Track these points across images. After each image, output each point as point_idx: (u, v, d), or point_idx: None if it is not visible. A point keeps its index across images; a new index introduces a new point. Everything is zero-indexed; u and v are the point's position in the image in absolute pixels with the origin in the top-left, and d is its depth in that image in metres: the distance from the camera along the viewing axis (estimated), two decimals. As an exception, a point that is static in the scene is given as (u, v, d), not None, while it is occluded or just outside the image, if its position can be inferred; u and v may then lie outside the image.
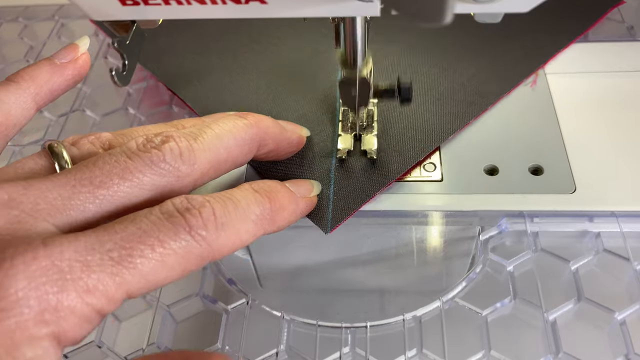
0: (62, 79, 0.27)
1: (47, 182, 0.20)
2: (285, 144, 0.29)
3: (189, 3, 0.23)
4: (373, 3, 0.22)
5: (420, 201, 0.31)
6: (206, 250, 0.21)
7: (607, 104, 0.35)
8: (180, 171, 0.23)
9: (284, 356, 0.27)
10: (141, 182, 0.22)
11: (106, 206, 0.21)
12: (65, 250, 0.18)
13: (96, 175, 0.21)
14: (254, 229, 0.23)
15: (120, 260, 0.19)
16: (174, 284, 0.30)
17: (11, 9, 0.49)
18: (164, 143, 0.23)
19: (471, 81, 0.36)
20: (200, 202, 0.21)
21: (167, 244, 0.20)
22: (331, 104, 0.35)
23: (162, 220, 0.20)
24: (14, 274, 0.17)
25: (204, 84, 0.38)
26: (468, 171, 0.32)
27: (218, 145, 0.24)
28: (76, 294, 0.18)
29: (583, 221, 0.30)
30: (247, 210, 0.23)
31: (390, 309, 0.28)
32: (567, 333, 0.26)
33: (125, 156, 0.22)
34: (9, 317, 0.17)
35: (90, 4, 0.23)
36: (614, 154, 0.32)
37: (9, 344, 0.17)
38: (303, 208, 0.27)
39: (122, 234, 0.19)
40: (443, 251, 0.31)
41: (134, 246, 0.19)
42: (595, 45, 0.39)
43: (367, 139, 0.32)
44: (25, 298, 0.17)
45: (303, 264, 0.30)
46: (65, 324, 0.18)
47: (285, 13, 0.23)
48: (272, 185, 0.25)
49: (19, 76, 0.26)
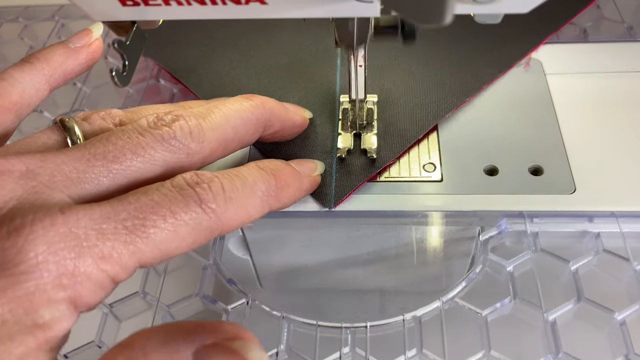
0: (76, 62, 0.27)
1: (62, 156, 0.21)
2: (289, 124, 0.30)
3: (189, 4, 0.23)
4: (373, 3, 0.22)
5: (420, 201, 0.31)
6: (215, 223, 0.21)
7: (606, 104, 0.35)
8: (190, 148, 0.24)
9: (284, 356, 0.27)
10: (152, 158, 0.22)
11: (119, 180, 0.22)
12: (82, 219, 0.19)
13: (109, 150, 0.22)
14: (260, 205, 0.24)
15: (133, 230, 0.19)
16: (174, 284, 0.30)
17: (11, 9, 0.49)
18: (174, 121, 0.24)
19: (467, 61, 0.37)
20: (209, 177, 0.22)
21: (178, 215, 0.20)
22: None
23: (174, 192, 0.21)
24: (34, 239, 0.18)
25: (207, 71, 0.38)
26: (468, 171, 0.32)
27: (226, 125, 0.25)
28: (92, 261, 0.18)
29: (583, 221, 0.30)
30: (253, 186, 0.24)
31: (390, 309, 0.28)
32: (567, 333, 0.26)
33: (137, 133, 0.23)
34: (29, 279, 0.17)
35: (90, 4, 0.23)
36: (613, 154, 0.32)
37: (28, 306, 0.17)
38: (307, 186, 0.29)
39: (136, 204, 0.20)
40: (443, 251, 0.31)
41: (147, 216, 0.20)
42: (595, 45, 0.39)
43: (366, 138, 0.32)
44: (44, 262, 0.18)
45: (303, 264, 0.31)
46: (82, 289, 0.18)
47: (285, 13, 0.23)
48: (277, 163, 0.26)
49: (34, 57, 0.26)
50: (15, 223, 0.18)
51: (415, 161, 0.33)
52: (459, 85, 0.36)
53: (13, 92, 0.25)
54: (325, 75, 0.37)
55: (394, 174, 0.32)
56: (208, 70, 0.38)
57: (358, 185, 0.31)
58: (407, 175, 0.32)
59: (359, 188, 0.31)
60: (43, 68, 0.26)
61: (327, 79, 0.36)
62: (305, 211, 0.31)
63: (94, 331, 0.28)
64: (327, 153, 0.32)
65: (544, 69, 0.37)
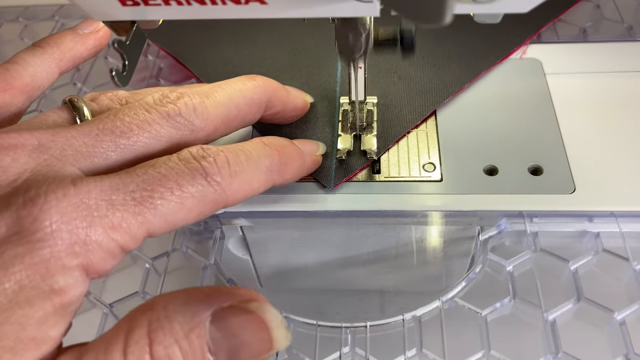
0: (84, 47, 0.28)
1: (72, 131, 0.22)
2: (290, 106, 0.31)
3: (188, 3, 0.23)
4: (373, 3, 0.22)
5: (420, 201, 0.31)
6: (220, 196, 0.22)
7: (606, 104, 0.35)
8: (194, 125, 0.24)
9: (284, 356, 0.27)
10: (158, 134, 0.23)
11: (126, 155, 0.22)
12: (92, 190, 0.20)
13: (117, 126, 0.22)
14: (264, 179, 0.25)
15: (142, 201, 0.20)
16: (174, 284, 0.30)
17: (11, 9, 0.49)
18: (179, 98, 0.25)
19: (465, 49, 0.37)
20: (214, 151, 0.23)
21: (185, 187, 0.21)
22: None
23: (180, 165, 0.21)
24: (48, 208, 0.18)
25: (210, 56, 0.39)
26: (468, 171, 0.32)
27: (229, 103, 0.26)
28: (102, 230, 0.19)
29: (582, 221, 0.30)
30: (258, 161, 0.24)
31: (390, 309, 0.28)
32: (567, 333, 0.27)
33: (144, 109, 0.23)
34: (44, 247, 0.18)
35: (90, 4, 0.23)
36: (613, 154, 0.32)
37: (44, 272, 0.18)
38: (309, 164, 0.29)
39: (144, 177, 0.21)
40: (443, 251, 0.31)
41: (154, 188, 0.20)
42: (595, 45, 0.39)
43: (366, 139, 0.32)
44: (58, 230, 0.18)
45: (303, 264, 0.31)
46: (93, 257, 0.19)
47: (285, 13, 0.23)
48: (281, 140, 0.27)
49: (45, 42, 0.27)
50: (30, 194, 0.19)
51: (415, 161, 0.33)
52: (457, 72, 0.36)
53: (25, 75, 0.26)
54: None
55: (394, 173, 0.32)
56: (212, 55, 0.39)
57: (360, 169, 0.32)
58: (407, 175, 0.32)
59: (358, 177, 0.32)
60: (53, 52, 0.27)
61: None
62: (305, 211, 0.31)
63: (94, 331, 0.28)
64: (329, 134, 0.33)
65: (544, 69, 0.37)
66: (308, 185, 0.32)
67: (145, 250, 0.31)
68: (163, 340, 0.18)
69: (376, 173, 0.32)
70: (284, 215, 0.31)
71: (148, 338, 0.18)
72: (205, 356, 0.18)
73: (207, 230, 0.32)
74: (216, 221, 0.31)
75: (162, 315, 0.19)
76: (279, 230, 0.32)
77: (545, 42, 0.39)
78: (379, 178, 0.32)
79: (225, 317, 0.19)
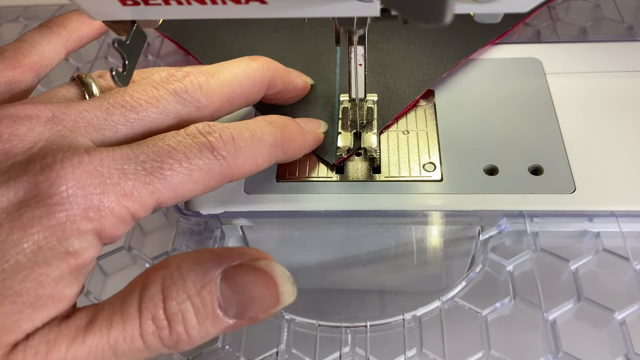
0: (90, 28, 0.29)
1: (84, 104, 0.23)
2: (291, 86, 0.32)
3: (188, 3, 0.23)
4: (373, 3, 0.22)
5: (420, 201, 0.31)
6: (226, 169, 0.23)
7: (607, 104, 0.35)
8: (200, 102, 0.26)
9: (284, 356, 0.27)
10: (166, 110, 0.24)
11: (136, 129, 0.23)
12: (105, 159, 0.21)
13: (127, 101, 0.24)
14: (267, 155, 0.26)
15: (152, 171, 0.21)
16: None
17: (11, 9, 0.49)
18: (185, 77, 0.26)
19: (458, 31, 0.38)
20: (220, 127, 0.24)
21: (192, 160, 0.22)
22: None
23: (188, 139, 0.23)
24: (64, 174, 0.19)
25: (212, 43, 0.39)
26: (468, 171, 0.32)
27: (233, 82, 0.27)
28: (115, 197, 0.20)
29: (583, 221, 0.30)
30: (261, 137, 0.25)
31: (390, 308, 0.28)
32: (567, 333, 0.27)
33: (152, 86, 0.25)
34: (61, 210, 0.19)
35: (90, 4, 0.23)
36: (613, 154, 0.32)
37: (61, 235, 0.19)
38: (311, 141, 0.31)
39: (154, 148, 0.22)
40: (443, 251, 0.31)
41: (164, 160, 0.21)
42: (595, 45, 0.39)
43: (367, 137, 0.32)
44: (74, 195, 0.19)
45: (303, 264, 0.31)
46: (106, 222, 0.20)
47: (285, 13, 0.23)
48: (283, 118, 0.28)
49: (52, 22, 0.28)
50: (47, 160, 0.20)
51: (415, 161, 0.33)
52: (455, 48, 0.37)
53: (33, 53, 0.27)
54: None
55: (394, 173, 0.32)
56: (214, 42, 0.39)
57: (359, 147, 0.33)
58: (407, 174, 0.32)
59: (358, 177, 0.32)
60: (60, 32, 0.28)
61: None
62: (305, 211, 0.31)
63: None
64: (331, 99, 0.34)
65: (544, 69, 0.37)
66: (308, 185, 0.32)
67: (145, 250, 0.31)
68: (176, 297, 0.19)
69: (376, 172, 0.32)
70: (284, 215, 0.31)
71: (162, 294, 0.19)
72: (215, 312, 0.20)
73: (207, 230, 0.32)
74: (216, 221, 0.31)
75: (175, 273, 0.20)
76: (279, 230, 0.32)
77: (545, 42, 0.39)
78: (379, 178, 0.32)
79: (235, 274, 0.20)
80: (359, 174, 0.32)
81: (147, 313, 0.19)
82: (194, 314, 0.19)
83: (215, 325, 0.20)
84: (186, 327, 0.19)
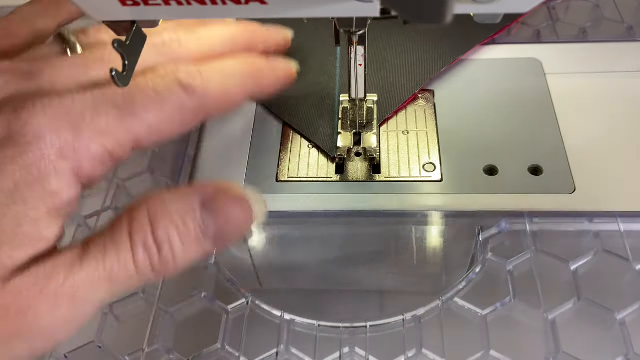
0: None
1: (62, 61, 0.23)
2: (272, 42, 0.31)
3: (189, 3, 0.23)
4: (372, 3, 0.22)
5: (420, 201, 0.31)
6: (198, 103, 0.23)
7: (606, 104, 0.35)
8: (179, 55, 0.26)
9: (284, 356, 0.27)
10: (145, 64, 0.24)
11: None
12: (77, 100, 0.21)
13: (107, 56, 0.24)
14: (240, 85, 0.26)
15: (124, 108, 0.22)
16: (174, 284, 0.30)
17: (11, 9, 0.48)
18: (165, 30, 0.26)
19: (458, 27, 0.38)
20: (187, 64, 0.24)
21: (162, 95, 0.23)
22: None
23: (157, 78, 0.23)
24: (36, 113, 0.20)
25: None
26: (468, 171, 0.32)
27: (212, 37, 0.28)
28: (89, 135, 0.21)
29: (583, 221, 0.30)
30: (231, 69, 0.26)
31: (390, 309, 0.28)
32: (567, 333, 0.26)
33: None
34: (35, 149, 0.19)
35: (90, 4, 0.23)
36: (613, 154, 0.32)
37: (37, 174, 0.19)
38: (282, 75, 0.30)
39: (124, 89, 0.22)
40: (443, 251, 0.31)
41: (135, 98, 0.22)
42: (595, 45, 0.39)
43: (366, 137, 0.32)
44: (47, 134, 0.20)
45: (303, 264, 0.31)
46: (83, 161, 0.21)
47: (285, 13, 0.23)
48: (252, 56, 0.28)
49: None
50: (19, 102, 0.20)
51: (415, 161, 0.33)
52: (454, 44, 0.38)
53: (24, 25, 0.27)
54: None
55: (394, 173, 0.32)
56: None
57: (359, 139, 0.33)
58: (407, 175, 0.32)
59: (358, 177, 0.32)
60: (50, 6, 0.28)
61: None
62: (305, 211, 0.31)
63: (94, 331, 0.28)
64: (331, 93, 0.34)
65: (544, 69, 0.37)
66: (308, 185, 0.32)
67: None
68: (163, 224, 0.21)
69: (376, 173, 0.32)
70: (284, 215, 0.31)
71: (150, 223, 0.20)
72: (198, 236, 0.21)
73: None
74: (216, 221, 0.31)
75: (159, 204, 0.21)
76: (279, 230, 0.32)
77: (545, 42, 0.39)
78: (379, 178, 0.32)
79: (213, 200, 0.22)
80: (359, 174, 0.32)
81: (137, 239, 0.20)
82: (179, 239, 0.21)
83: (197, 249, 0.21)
84: (173, 252, 0.21)
